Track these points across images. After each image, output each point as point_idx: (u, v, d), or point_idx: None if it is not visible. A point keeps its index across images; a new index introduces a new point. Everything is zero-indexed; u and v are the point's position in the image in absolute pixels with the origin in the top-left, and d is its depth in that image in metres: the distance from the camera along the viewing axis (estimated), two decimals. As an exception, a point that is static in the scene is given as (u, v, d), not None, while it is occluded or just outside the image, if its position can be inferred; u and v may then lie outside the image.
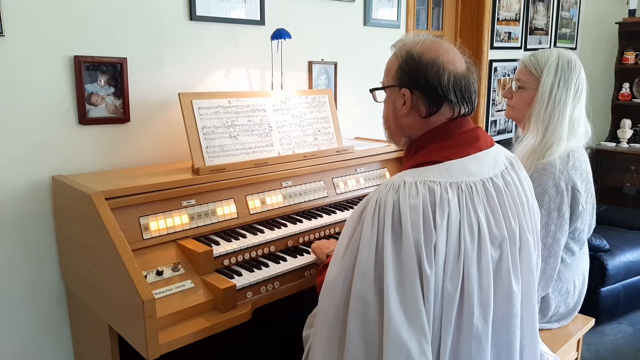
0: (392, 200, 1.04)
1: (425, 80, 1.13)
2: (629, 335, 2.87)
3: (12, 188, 1.68)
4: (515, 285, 1.12)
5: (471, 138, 1.17)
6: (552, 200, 1.60)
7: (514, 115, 1.81)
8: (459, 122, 1.17)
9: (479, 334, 1.07)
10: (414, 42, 1.18)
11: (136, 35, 1.88)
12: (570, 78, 1.67)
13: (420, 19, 3.46)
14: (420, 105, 1.16)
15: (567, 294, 1.79)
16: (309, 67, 2.47)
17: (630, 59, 4.49)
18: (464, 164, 1.11)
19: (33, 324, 1.80)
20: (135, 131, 1.93)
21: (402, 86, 1.17)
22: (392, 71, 1.21)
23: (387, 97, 1.25)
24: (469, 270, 1.06)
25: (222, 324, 1.41)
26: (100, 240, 1.40)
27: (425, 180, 1.06)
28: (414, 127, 1.19)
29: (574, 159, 1.64)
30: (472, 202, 1.08)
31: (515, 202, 1.16)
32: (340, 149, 2.13)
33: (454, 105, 1.15)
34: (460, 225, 1.05)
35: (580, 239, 1.75)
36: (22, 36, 1.64)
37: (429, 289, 1.01)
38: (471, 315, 1.06)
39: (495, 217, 1.11)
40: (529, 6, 4.08)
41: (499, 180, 1.14)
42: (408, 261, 1.01)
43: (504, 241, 1.11)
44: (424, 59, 1.14)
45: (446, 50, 1.16)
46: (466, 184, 1.08)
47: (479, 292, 1.07)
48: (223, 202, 1.73)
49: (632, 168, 4.28)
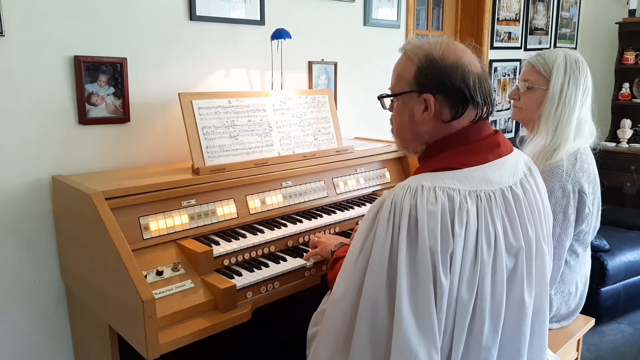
0: (409, 204, 1.01)
1: (451, 84, 1.08)
2: (629, 335, 2.87)
3: (12, 188, 1.68)
4: (527, 296, 1.10)
5: (491, 144, 1.13)
6: (558, 203, 1.59)
7: (522, 116, 1.79)
8: (478, 127, 1.13)
9: (488, 344, 1.05)
10: (430, 44, 1.12)
11: (136, 35, 1.88)
12: (579, 77, 1.66)
13: (420, 19, 3.46)
14: (443, 110, 1.11)
15: (569, 296, 1.78)
16: (309, 67, 2.47)
17: (630, 59, 4.49)
18: (484, 171, 1.08)
19: (33, 324, 1.80)
20: (135, 131, 1.93)
21: (423, 91, 1.11)
22: (408, 76, 1.13)
23: (402, 104, 1.17)
24: (484, 280, 1.03)
25: (222, 324, 1.41)
26: (100, 240, 1.40)
27: (444, 187, 1.02)
28: (433, 133, 1.14)
29: (581, 161, 1.63)
30: (490, 212, 1.05)
31: (532, 210, 1.13)
32: (340, 149, 2.13)
33: (477, 107, 1.11)
34: (478, 234, 1.03)
35: (585, 241, 1.74)
36: (22, 36, 1.64)
37: (443, 297, 0.99)
38: (482, 325, 1.04)
39: (513, 227, 1.08)
40: (529, 6, 4.08)
41: (518, 188, 1.11)
42: (423, 267, 0.98)
43: (520, 250, 1.09)
44: (447, 62, 1.09)
45: (464, 51, 1.12)
46: (485, 192, 1.05)
47: (491, 302, 1.05)
48: (223, 202, 1.73)
49: (632, 168, 4.28)
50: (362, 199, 2.16)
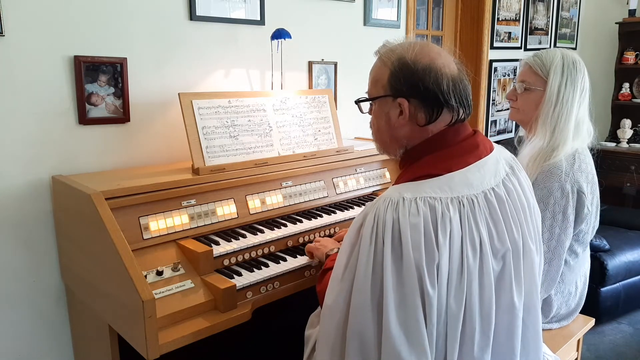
0: (392, 218, 1.00)
1: (424, 88, 1.07)
2: (629, 335, 2.87)
3: (12, 188, 1.68)
4: (517, 298, 1.09)
5: (471, 146, 1.12)
6: (557, 203, 1.59)
7: (520, 117, 1.78)
8: (457, 129, 1.12)
9: (481, 349, 1.05)
10: (403, 47, 1.12)
11: (136, 35, 1.88)
12: (577, 78, 1.66)
13: (420, 19, 3.47)
14: (418, 114, 1.10)
15: (569, 295, 1.78)
16: (309, 67, 2.47)
17: (630, 59, 4.49)
18: (465, 175, 1.06)
19: (33, 324, 1.80)
20: (135, 131, 1.93)
21: (397, 95, 1.10)
22: (383, 80, 1.13)
23: (378, 108, 1.17)
24: (471, 286, 1.02)
25: (222, 324, 1.41)
26: (100, 240, 1.40)
27: (425, 197, 1.01)
28: (411, 137, 1.13)
29: (579, 161, 1.63)
30: (473, 217, 1.04)
31: (517, 210, 1.12)
32: (340, 149, 2.13)
33: (453, 110, 1.10)
34: (462, 241, 1.02)
35: (584, 240, 1.74)
36: (22, 36, 1.64)
37: (432, 308, 0.98)
38: (473, 331, 1.03)
39: (498, 229, 1.07)
40: (529, 6, 4.08)
41: (501, 189, 1.10)
42: (409, 281, 0.98)
43: (506, 253, 1.08)
44: (419, 65, 1.08)
45: (438, 53, 1.11)
46: (467, 197, 1.04)
47: (480, 307, 1.04)
48: (223, 202, 1.73)
49: (632, 168, 4.28)
50: (362, 199, 2.16)
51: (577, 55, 1.71)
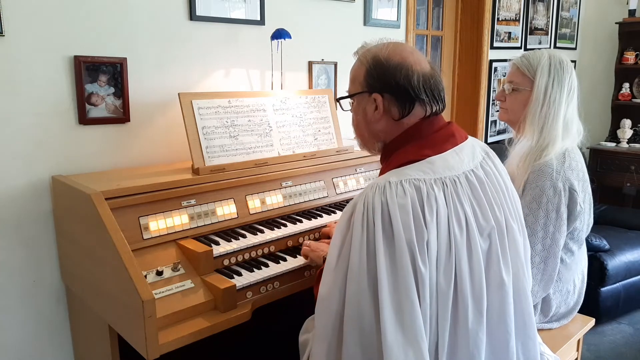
0: (380, 202, 1.04)
1: (395, 83, 1.15)
2: (629, 335, 2.87)
3: (12, 188, 1.68)
4: (505, 275, 1.13)
5: (446, 134, 1.18)
6: (550, 202, 1.60)
7: (508, 117, 1.81)
8: (431, 121, 1.19)
9: (475, 328, 1.07)
10: (378, 47, 1.20)
11: (136, 35, 1.88)
12: (564, 78, 1.68)
13: (420, 19, 3.47)
14: (392, 109, 1.18)
15: (568, 294, 1.79)
16: (309, 67, 2.47)
17: (630, 59, 4.48)
18: (444, 159, 1.13)
19: (33, 324, 1.80)
20: (135, 131, 1.93)
21: (372, 91, 1.18)
22: (360, 78, 1.21)
23: (357, 104, 1.25)
24: (460, 264, 1.06)
25: (222, 324, 1.41)
26: (100, 241, 1.40)
27: (410, 179, 1.07)
28: (388, 132, 1.21)
29: (569, 159, 1.65)
30: (457, 196, 1.09)
31: (497, 191, 1.18)
32: (340, 148, 2.13)
33: (425, 104, 1.17)
34: (449, 220, 1.07)
35: (579, 238, 1.75)
36: (22, 36, 1.64)
37: (424, 287, 1.02)
38: (466, 309, 1.06)
39: (481, 208, 1.13)
40: (529, 6, 4.08)
41: (479, 171, 1.17)
42: (402, 262, 1.01)
43: (492, 231, 1.12)
44: (391, 62, 1.15)
45: (410, 52, 1.18)
46: (450, 178, 1.10)
47: (471, 285, 1.08)
48: (223, 202, 1.73)
49: (632, 168, 4.28)
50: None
51: (565, 56, 1.73)
